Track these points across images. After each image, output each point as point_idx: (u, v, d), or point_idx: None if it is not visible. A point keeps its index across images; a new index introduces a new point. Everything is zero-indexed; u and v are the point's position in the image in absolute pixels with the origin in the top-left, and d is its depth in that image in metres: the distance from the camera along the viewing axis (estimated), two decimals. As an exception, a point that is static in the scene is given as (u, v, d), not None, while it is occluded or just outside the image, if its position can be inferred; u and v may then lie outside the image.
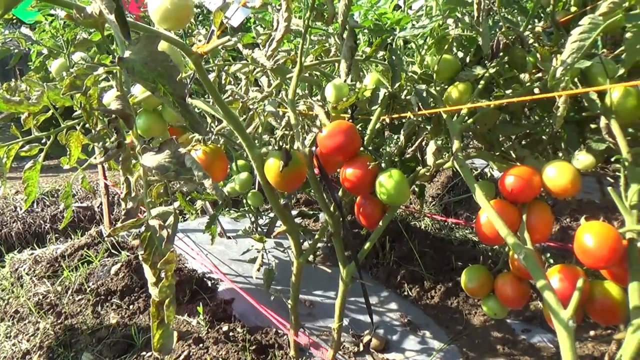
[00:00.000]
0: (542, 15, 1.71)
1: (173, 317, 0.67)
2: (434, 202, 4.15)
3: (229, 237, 3.26)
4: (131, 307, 2.32)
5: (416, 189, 2.20)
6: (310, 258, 2.27)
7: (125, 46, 0.67)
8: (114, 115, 0.68)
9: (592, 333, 2.22)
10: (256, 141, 1.61)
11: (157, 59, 0.65)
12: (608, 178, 1.72)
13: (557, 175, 1.23)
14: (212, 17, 0.96)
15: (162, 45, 1.03)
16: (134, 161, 0.82)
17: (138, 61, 0.63)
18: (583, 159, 1.23)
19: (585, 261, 1.13)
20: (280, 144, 1.19)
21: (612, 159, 1.22)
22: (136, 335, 2.07)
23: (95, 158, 1.02)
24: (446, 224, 3.59)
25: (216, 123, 1.39)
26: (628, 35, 1.14)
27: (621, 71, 1.20)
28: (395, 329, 2.28)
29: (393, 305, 2.46)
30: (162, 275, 0.66)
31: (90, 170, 4.65)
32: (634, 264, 1.11)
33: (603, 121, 1.35)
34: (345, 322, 2.32)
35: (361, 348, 2.11)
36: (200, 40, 1.59)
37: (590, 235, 1.11)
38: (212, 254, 3.04)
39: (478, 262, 2.77)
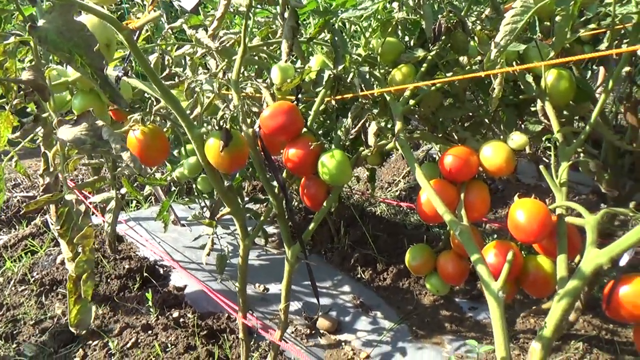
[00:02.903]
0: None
1: (91, 292, 0.65)
2: (389, 188, 4.22)
3: (182, 225, 3.21)
4: (78, 296, 2.25)
5: (367, 174, 2.23)
6: (262, 242, 2.27)
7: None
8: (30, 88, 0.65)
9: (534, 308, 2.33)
10: (204, 123, 1.59)
11: (73, 28, 0.62)
12: (545, 159, 1.80)
13: (493, 154, 1.27)
14: (143, -9, 0.93)
15: (93, 21, 1.00)
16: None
17: (52, 30, 0.61)
18: (517, 139, 1.27)
19: (517, 236, 1.18)
20: (221, 123, 1.18)
21: (544, 139, 1.27)
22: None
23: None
24: (401, 208, 3.66)
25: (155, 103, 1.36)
26: (557, 19, 1.18)
27: (551, 54, 1.25)
28: (347, 310, 2.31)
29: (346, 288, 2.50)
30: (80, 250, 0.64)
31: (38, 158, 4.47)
32: (562, 238, 1.17)
33: (539, 104, 1.41)
34: (299, 305, 2.34)
35: (314, 330, 2.13)
36: (138, 18, 1.54)
37: (521, 211, 1.16)
38: (165, 241, 2.99)
39: (429, 244, 2.84)
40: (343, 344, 2.07)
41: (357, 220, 3.07)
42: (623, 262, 1.07)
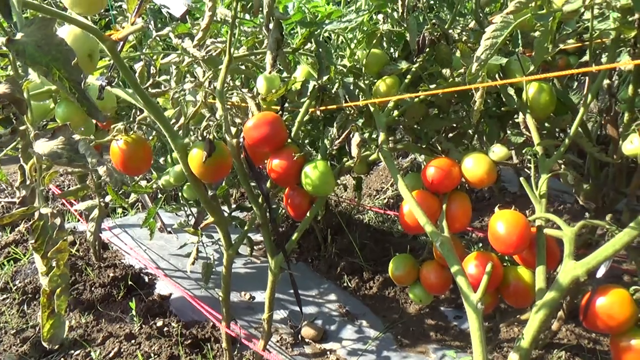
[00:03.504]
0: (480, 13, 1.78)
1: (65, 306, 0.65)
2: (378, 196, 4.24)
3: (169, 232, 3.19)
4: (61, 305, 2.23)
5: (354, 182, 2.25)
6: (247, 251, 2.27)
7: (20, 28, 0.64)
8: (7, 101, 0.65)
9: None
10: (191, 133, 1.59)
11: (51, 42, 0.62)
12: (526, 170, 1.82)
13: (474, 166, 1.29)
14: (127, 3, 0.94)
15: (76, 31, 1.00)
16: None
17: (30, 44, 0.61)
18: (498, 151, 1.29)
19: (497, 247, 1.19)
20: (204, 134, 1.18)
21: (524, 151, 1.29)
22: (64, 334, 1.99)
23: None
24: (389, 216, 3.68)
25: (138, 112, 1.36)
26: (537, 34, 1.20)
27: (532, 68, 1.27)
28: (333, 319, 2.31)
29: (332, 296, 2.50)
30: (54, 264, 0.64)
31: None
32: (541, 249, 1.18)
33: (521, 116, 1.43)
34: (285, 313, 2.33)
35: (299, 339, 2.13)
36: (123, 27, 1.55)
37: (501, 223, 1.18)
38: (151, 249, 2.97)
39: (416, 252, 2.85)
40: (328, 352, 2.07)
41: (344, 228, 3.08)
42: (600, 273, 1.09)
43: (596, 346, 2.03)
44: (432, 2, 1.79)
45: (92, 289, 2.36)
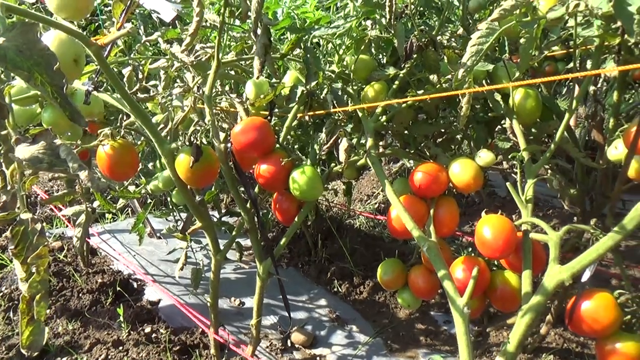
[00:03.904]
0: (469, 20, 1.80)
1: (44, 313, 0.65)
2: (369, 200, 4.24)
3: (159, 237, 3.17)
4: (48, 311, 2.20)
5: (344, 187, 2.25)
6: (237, 257, 2.26)
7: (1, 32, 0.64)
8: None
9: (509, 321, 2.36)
10: (180, 138, 1.59)
11: (33, 47, 0.62)
12: (514, 175, 1.83)
13: (461, 171, 1.30)
14: (112, 9, 0.94)
15: (61, 36, 1.00)
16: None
17: (11, 48, 0.61)
18: (484, 156, 1.30)
19: (483, 252, 1.20)
20: (192, 139, 1.18)
21: (510, 156, 1.30)
22: (51, 341, 1.97)
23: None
24: (380, 221, 3.68)
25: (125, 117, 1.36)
26: (522, 40, 1.22)
27: (517, 74, 1.29)
28: (323, 324, 2.31)
29: (322, 302, 2.49)
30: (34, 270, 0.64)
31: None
32: (527, 254, 1.19)
33: (508, 122, 1.45)
34: (275, 319, 2.32)
35: (288, 344, 2.12)
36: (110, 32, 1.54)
37: (487, 228, 1.18)
38: (140, 254, 2.95)
39: (406, 257, 2.86)
40: (318, 358, 2.06)
41: (334, 233, 3.08)
42: (585, 277, 1.10)
43: (584, 350, 2.04)
44: (420, 8, 1.81)
45: (80, 295, 2.34)
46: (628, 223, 0.96)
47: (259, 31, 1.25)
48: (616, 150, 1.34)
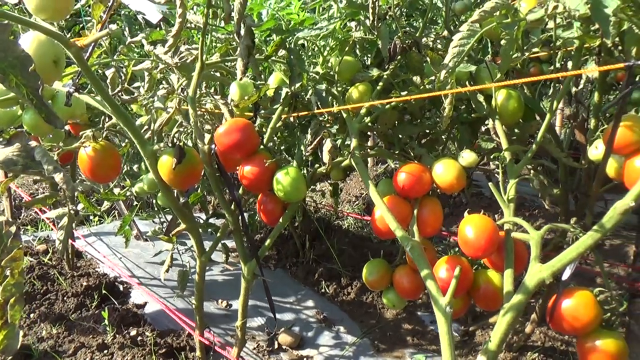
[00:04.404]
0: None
1: (19, 316, 0.64)
2: (357, 202, 4.26)
3: (145, 240, 3.15)
4: (31, 315, 2.18)
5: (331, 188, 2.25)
6: (222, 258, 2.26)
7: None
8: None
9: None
10: (164, 139, 1.58)
11: (8, 48, 0.62)
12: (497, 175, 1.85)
13: (444, 172, 1.30)
14: (92, 10, 0.93)
15: (40, 37, 0.99)
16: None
17: (-15, 50, 0.60)
18: (467, 156, 1.31)
19: (466, 251, 1.21)
20: (174, 140, 1.18)
21: (492, 156, 1.31)
22: (34, 345, 1.95)
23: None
24: (367, 222, 3.69)
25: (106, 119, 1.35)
26: (503, 42, 1.23)
27: (498, 75, 1.30)
28: (310, 325, 2.31)
29: (310, 303, 2.50)
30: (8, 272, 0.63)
31: None
32: (509, 253, 1.20)
33: (491, 122, 1.46)
34: (262, 321, 2.32)
35: (275, 346, 2.12)
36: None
37: (470, 227, 1.19)
38: (127, 257, 2.93)
39: (393, 257, 2.87)
40: (305, 359, 2.06)
41: (322, 234, 3.08)
42: (565, 276, 1.11)
43: (568, 348, 2.07)
44: (405, 10, 1.82)
45: (65, 298, 2.32)
46: (607, 222, 0.97)
47: (242, 32, 1.25)
48: (596, 150, 1.36)
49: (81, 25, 2.80)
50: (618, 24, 1.08)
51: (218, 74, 1.81)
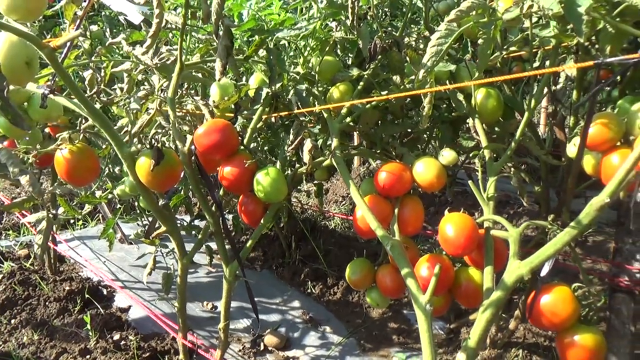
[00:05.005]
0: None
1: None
2: (343, 202, 4.26)
3: (130, 243, 3.12)
4: (12, 321, 2.14)
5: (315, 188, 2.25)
6: (206, 261, 2.24)
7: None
8: None
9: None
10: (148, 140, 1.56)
11: (-27, 49, 0.61)
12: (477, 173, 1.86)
13: (424, 170, 1.31)
14: (64, 10, 0.92)
15: (13, 38, 0.97)
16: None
17: (-51, 51, 0.59)
18: (447, 155, 1.32)
19: (446, 249, 1.22)
20: (152, 142, 1.16)
21: (471, 154, 1.32)
22: (15, 352, 1.91)
23: None
24: (354, 222, 3.69)
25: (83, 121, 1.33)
26: (480, 41, 1.24)
27: (476, 74, 1.31)
28: (297, 326, 2.30)
29: (296, 303, 2.49)
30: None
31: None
32: (488, 250, 1.21)
33: (471, 121, 1.47)
34: (247, 322, 2.31)
35: (261, 347, 2.11)
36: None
37: (450, 225, 1.20)
38: (111, 260, 2.89)
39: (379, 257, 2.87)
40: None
41: (308, 235, 3.08)
42: (543, 272, 1.12)
43: (552, 343, 2.09)
44: (386, 10, 1.83)
45: (47, 303, 2.28)
46: (584, 218, 0.98)
47: (220, 33, 1.25)
48: (574, 147, 1.38)
49: (61, 27, 2.76)
50: (592, 22, 1.10)
51: (200, 75, 1.80)
